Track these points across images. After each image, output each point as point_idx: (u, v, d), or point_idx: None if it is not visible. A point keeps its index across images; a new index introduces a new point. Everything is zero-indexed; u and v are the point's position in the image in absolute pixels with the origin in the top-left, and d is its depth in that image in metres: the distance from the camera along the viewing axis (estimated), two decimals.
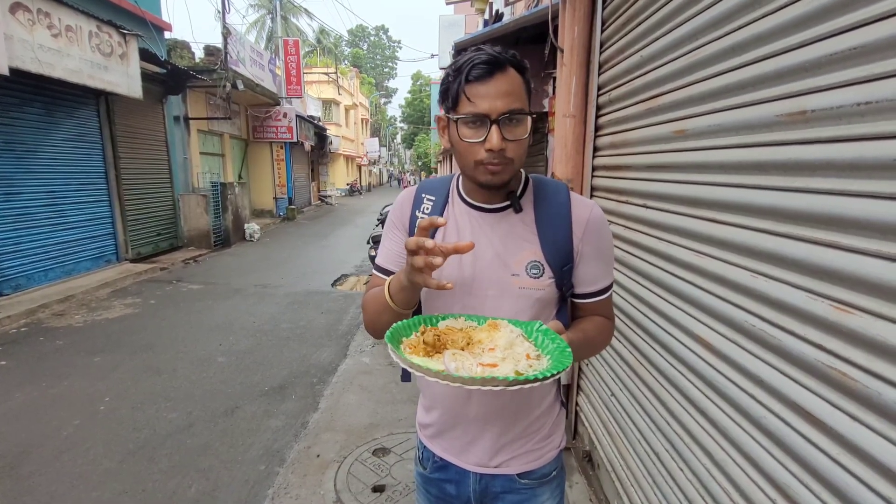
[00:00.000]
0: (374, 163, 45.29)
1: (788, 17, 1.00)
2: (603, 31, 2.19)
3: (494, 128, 0.81)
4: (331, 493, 2.38)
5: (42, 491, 2.39)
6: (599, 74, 2.23)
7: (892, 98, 0.78)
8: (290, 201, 15.72)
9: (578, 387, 2.61)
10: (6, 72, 4.72)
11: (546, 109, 3.77)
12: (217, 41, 10.97)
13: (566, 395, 2.63)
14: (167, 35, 9.15)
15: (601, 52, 2.21)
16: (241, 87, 10.43)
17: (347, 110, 30.56)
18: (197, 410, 3.20)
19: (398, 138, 61.67)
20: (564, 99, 2.38)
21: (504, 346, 0.76)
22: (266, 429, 2.99)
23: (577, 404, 2.63)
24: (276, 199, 15.24)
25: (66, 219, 6.55)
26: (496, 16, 6.61)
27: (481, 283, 0.92)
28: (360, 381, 3.63)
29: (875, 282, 0.82)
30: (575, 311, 1.00)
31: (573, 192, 0.98)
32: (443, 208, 0.99)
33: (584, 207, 0.94)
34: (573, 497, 2.27)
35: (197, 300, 5.93)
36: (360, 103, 34.91)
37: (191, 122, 9.97)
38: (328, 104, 26.72)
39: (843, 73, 0.87)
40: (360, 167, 37.18)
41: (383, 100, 57.05)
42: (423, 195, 1.02)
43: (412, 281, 0.78)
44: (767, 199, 1.08)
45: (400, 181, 51.04)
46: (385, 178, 57.05)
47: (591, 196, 2.35)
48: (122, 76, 6.58)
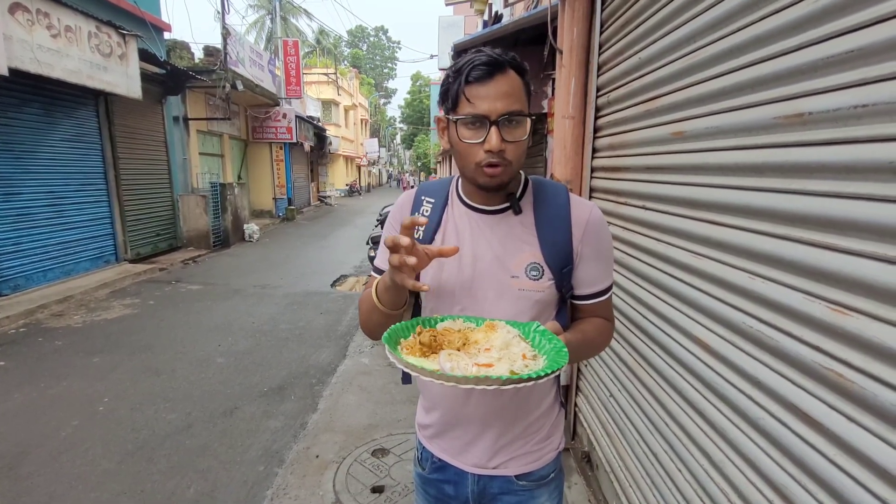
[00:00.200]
0: (374, 163, 45.28)
1: (786, 19, 1.00)
2: (602, 33, 2.19)
3: (494, 129, 0.82)
4: (330, 493, 2.38)
5: (41, 491, 2.39)
6: (598, 76, 2.23)
7: (889, 101, 0.79)
8: (290, 202, 15.72)
9: (577, 388, 2.62)
10: (5, 72, 4.72)
11: (545, 111, 3.77)
12: (216, 42, 10.99)
13: (565, 395, 2.63)
14: (167, 35, 9.16)
15: (600, 54, 2.22)
16: (240, 87, 10.44)
17: (347, 111, 30.55)
18: (196, 411, 3.19)
19: (397, 139, 61.62)
20: (563, 100, 2.38)
21: (500, 347, 0.77)
22: (265, 429, 2.99)
23: (575, 405, 2.63)
24: (275, 199, 15.24)
25: (65, 219, 6.54)
26: (495, 17, 6.61)
27: (481, 285, 0.93)
28: (360, 382, 3.63)
29: (871, 284, 0.82)
30: (574, 313, 1.01)
31: (572, 193, 0.99)
32: (442, 210, 0.99)
33: (584, 209, 0.95)
34: (572, 497, 2.28)
35: (196, 301, 5.92)
36: (360, 104, 34.90)
37: (190, 122, 9.96)
38: (327, 105, 26.72)
39: (841, 76, 0.88)
40: (359, 168, 37.18)
41: (383, 100, 57.03)
42: (423, 197, 1.02)
43: (393, 280, 0.79)
44: (765, 201, 1.09)
45: (399, 182, 51.00)
46: (384, 179, 57.07)
47: (590, 197, 2.35)
48: (122, 76, 6.58)
